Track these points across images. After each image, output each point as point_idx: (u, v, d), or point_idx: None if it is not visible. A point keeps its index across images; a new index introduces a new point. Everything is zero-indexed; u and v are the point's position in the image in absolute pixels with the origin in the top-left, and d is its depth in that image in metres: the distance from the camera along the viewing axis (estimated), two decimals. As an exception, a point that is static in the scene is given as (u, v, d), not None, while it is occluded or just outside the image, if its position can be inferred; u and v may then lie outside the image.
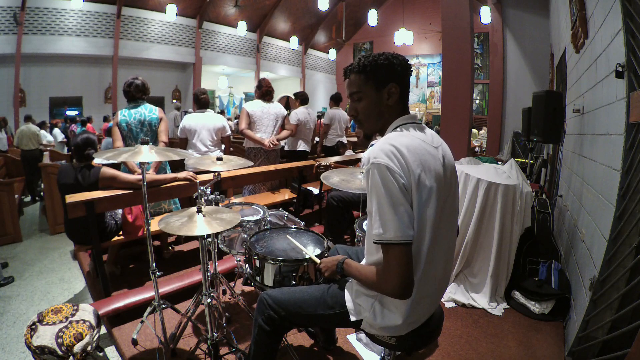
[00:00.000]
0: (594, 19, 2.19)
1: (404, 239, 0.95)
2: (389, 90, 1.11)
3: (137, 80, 2.79)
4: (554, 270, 2.36)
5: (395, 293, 0.98)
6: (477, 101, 12.57)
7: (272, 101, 3.67)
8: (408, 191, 0.98)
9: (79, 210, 2.11)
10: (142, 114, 2.75)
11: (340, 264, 1.19)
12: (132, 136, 2.74)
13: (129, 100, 2.79)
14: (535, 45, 7.62)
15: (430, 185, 1.01)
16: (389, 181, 0.96)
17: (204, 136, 3.41)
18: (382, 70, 1.10)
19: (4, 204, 3.50)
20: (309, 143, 4.58)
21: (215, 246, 1.94)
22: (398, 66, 1.10)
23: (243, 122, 3.50)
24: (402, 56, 1.13)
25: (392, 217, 0.95)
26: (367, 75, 1.11)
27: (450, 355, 1.90)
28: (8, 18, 8.17)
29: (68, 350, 1.50)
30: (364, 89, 1.13)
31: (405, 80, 1.13)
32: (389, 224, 0.96)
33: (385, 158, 0.98)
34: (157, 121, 2.82)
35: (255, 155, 3.62)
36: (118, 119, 2.72)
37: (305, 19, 14.35)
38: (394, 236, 0.95)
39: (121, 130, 2.72)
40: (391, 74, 1.10)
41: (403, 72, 1.12)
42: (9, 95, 8.50)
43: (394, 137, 1.05)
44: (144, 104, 2.81)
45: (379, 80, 1.10)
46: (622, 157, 1.55)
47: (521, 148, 6.79)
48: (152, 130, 2.81)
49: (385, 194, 0.96)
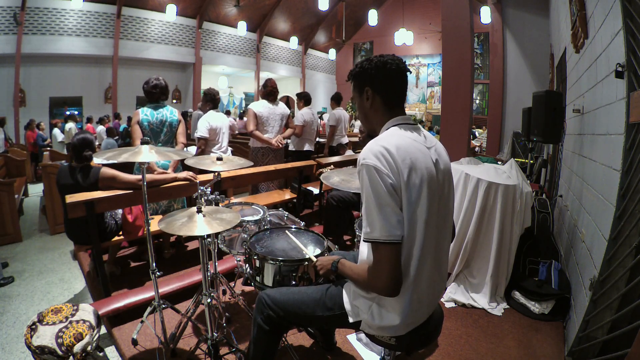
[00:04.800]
0: (594, 19, 2.19)
1: (390, 239, 0.98)
2: (367, 95, 1.16)
3: (160, 81, 2.81)
4: (554, 270, 2.36)
5: (384, 290, 1.02)
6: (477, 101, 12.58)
7: (277, 101, 3.74)
8: (397, 191, 1.00)
9: (79, 210, 2.11)
10: (164, 115, 2.80)
11: (335, 263, 1.22)
12: (152, 135, 2.76)
13: (151, 101, 2.81)
14: (535, 45, 7.62)
15: (421, 185, 1.02)
16: (376, 182, 0.99)
17: (226, 135, 3.51)
18: (358, 76, 1.17)
19: (4, 204, 3.50)
20: (313, 143, 4.62)
21: (215, 246, 1.94)
22: (371, 70, 1.12)
23: (251, 124, 3.56)
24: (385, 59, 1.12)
25: (379, 217, 0.98)
26: (353, 82, 1.21)
27: (450, 355, 1.90)
28: (8, 18, 8.17)
29: (68, 350, 1.50)
30: (354, 93, 1.22)
31: (384, 84, 1.13)
32: (375, 223, 0.99)
33: (373, 159, 1.00)
34: (177, 123, 2.88)
35: (264, 154, 3.71)
36: (140, 118, 2.71)
37: (305, 19, 14.35)
38: (379, 235, 0.98)
39: (142, 129, 2.73)
40: (365, 79, 1.15)
41: (378, 76, 1.12)
42: (9, 95, 8.49)
43: (383, 138, 1.07)
44: (166, 105, 2.86)
45: (359, 86, 1.18)
46: (622, 157, 1.55)
47: (521, 148, 6.79)
48: (172, 132, 2.86)
49: (372, 194, 0.99)
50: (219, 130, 3.43)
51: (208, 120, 3.39)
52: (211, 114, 3.47)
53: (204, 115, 3.51)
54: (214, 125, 3.39)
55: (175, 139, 2.89)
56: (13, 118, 8.39)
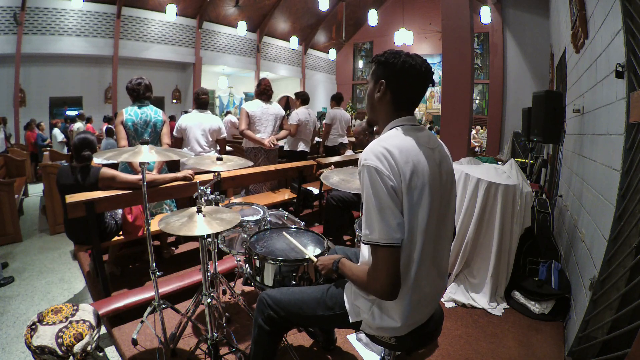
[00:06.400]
0: (594, 19, 2.19)
1: (389, 242, 0.96)
2: (379, 87, 1.12)
3: (144, 80, 2.78)
4: (554, 270, 2.36)
5: (382, 294, 1.01)
6: (477, 101, 12.58)
7: (271, 101, 3.70)
8: (398, 193, 0.99)
9: (79, 210, 2.11)
10: (148, 115, 2.75)
11: (336, 263, 1.21)
12: (136, 136, 2.72)
13: (135, 100, 2.76)
14: (535, 45, 7.62)
15: (422, 187, 1.01)
16: (377, 184, 0.97)
17: (198, 136, 3.37)
18: (380, 65, 1.12)
19: (4, 204, 3.50)
20: (308, 144, 4.59)
21: (215, 246, 1.94)
22: (395, 66, 1.07)
23: (243, 123, 3.51)
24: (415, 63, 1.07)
25: (378, 219, 0.97)
26: (373, 66, 1.15)
27: (450, 355, 1.90)
28: (8, 18, 8.17)
29: (68, 350, 1.50)
30: (369, 78, 1.17)
31: (400, 85, 1.09)
32: (374, 225, 0.98)
33: (375, 160, 0.99)
34: (162, 123, 2.83)
35: (255, 155, 3.65)
36: (124, 118, 2.67)
37: (305, 19, 14.35)
38: (378, 238, 0.97)
39: (126, 129, 2.68)
40: (384, 72, 1.11)
41: (399, 75, 1.08)
42: (9, 95, 8.49)
43: (386, 139, 1.05)
44: (149, 105, 2.81)
45: (376, 75, 1.14)
46: (622, 157, 1.55)
47: (521, 148, 6.78)
48: (156, 132, 2.80)
49: (373, 196, 0.97)
50: (189, 131, 3.33)
51: (180, 120, 3.39)
52: (188, 114, 3.44)
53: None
54: (183, 126, 3.34)
55: (160, 140, 2.82)
56: (13, 118, 8.39)
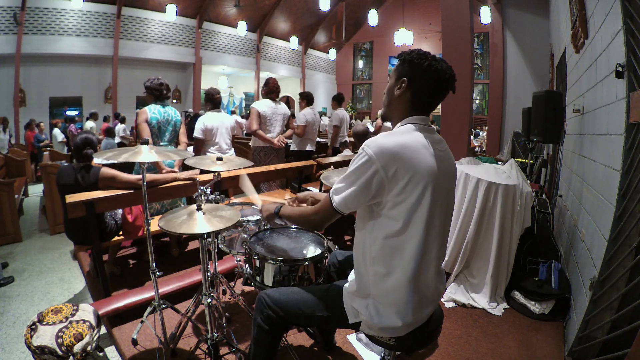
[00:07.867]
0: (594, 19, 2.19)
1: (339, 208, 1.10)
2: (400, 84, 1.13)
3: (163, 80, 2.83)
4: (554, 270, 2.35)
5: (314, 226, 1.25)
6: (477, 101, 12.59)
7: (278, 101, 3.75)
8: (380, 189, 1.03)
9: (79, 210, 2.11)
10: (170, 115, 2.84)
11: (279, 207, 1.36)
12: (159, 134, 2.78)
13: (156, 99, 2.81)
14: (535, 45, 7.61)
15: (423, 187, 1.02)
16: (365, 169, 1.02)
17: (225, 135, 3.43)
18: (405, 63, 1.13)
19: (4, 204, 3.50)
20: (314, 143, 4.63)
21: (215, 246, 1.94)
22: (420, 67, 1.09)
23: (255, 123, 3.55)
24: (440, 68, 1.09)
25: (348, 190, 1.07)
26: (398, 63, 1.17)
27: (450, 355, 1.90)
28: (8, 18, 8.17)
29: (68, 350, 1.50)
30: (392, 73, 1.19)
31: (422, 87, 1.10)
32: (342, 189, 1.09)
33: (376, 149, 1.02)
34: (180, 123, 2.93)
35: (266, 154, 3.72)
36: (148, 116, 2.70)
37: (305, 19, 14.36)
38: (337, 202, 1.09)
39: (151, 127, 2.72)
40: (408, 71, 1.12)
41: (422, 77, 1.09)
42: (9, 95, 8.50)
43: (394, 134, 1.08)
44: (169, 105, 2.89)
45: (399, 72, 1.15)
46: (622, 157, 1.55)
47: (521, 148, 6.78)
48: (175, 131, 2.92)
49: (356, 174, 1.05)
50: (215, 131, 3.37)
51: (204, 120, 3.36)
52: (208, 114, 3.44)
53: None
54: (209, 126, 3.35)
55: (178, 139, 2.93)
56: (13, 118, 8.39)
